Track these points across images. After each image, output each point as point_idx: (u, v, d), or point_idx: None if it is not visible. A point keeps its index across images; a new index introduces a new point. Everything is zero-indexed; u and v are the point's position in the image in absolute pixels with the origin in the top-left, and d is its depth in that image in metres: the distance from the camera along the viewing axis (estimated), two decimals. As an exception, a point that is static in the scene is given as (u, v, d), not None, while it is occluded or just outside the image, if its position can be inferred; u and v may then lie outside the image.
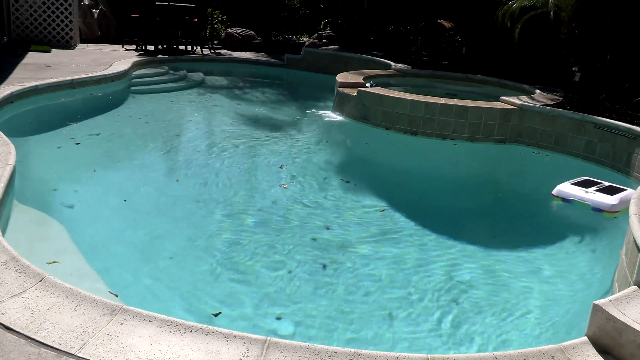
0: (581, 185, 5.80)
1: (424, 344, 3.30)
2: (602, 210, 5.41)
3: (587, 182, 5.89)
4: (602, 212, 5.41)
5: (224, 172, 6.21)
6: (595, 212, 5.44)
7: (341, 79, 9.23)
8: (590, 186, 5.75)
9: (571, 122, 7.36)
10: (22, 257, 2.93)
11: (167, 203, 5.20)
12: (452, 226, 5.21)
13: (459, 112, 7.67)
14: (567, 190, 5.70)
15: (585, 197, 5.54)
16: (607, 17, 8.29)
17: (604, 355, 2.60)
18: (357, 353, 2.40)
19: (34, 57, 10.27)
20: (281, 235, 4.60)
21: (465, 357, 2.60)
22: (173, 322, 2.49)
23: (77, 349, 2.27)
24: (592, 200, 5.49)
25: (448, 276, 4.09)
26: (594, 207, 5.47)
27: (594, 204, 5.47)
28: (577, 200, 5.58)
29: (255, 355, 2.33)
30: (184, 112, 9.07)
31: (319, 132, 8.49)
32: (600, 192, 5.60)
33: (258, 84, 12.38)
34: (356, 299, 3.72)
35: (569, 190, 5.68)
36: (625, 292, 2.93)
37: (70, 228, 4.28)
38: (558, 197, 5.72)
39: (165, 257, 4.06)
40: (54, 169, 5.65)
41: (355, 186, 5.98)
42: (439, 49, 12.72)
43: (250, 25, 16.27)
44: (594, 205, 5.47)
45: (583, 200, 5.54)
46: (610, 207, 5.35)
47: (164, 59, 12.04)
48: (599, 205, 5.44)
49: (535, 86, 9.60)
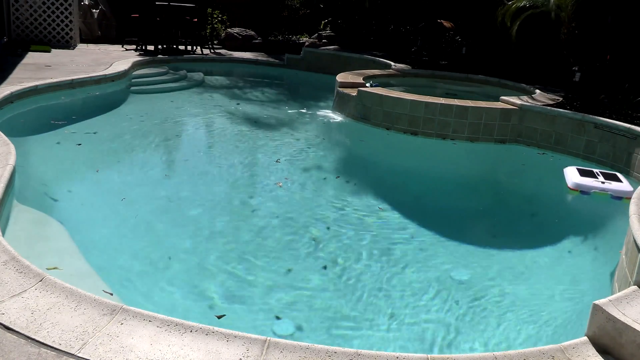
0: (589, 175, 5.97)
1: (418, 342, 3.30)
2: (622, 197, 5.57)
3: (590, 173, 6.07)
4: (621, 199, 5.56)
5: (223, 172, 6.21)
6: (615, 199, 5.61)
7: (341, 79, 9.23)
8: (597, 176, 5.95)
9: (571, 122, 7.36)
10: (22, 257, 2.93)
11: (167, 202, 5.20)
12: (452, 226, 5.21)
13: (459, 112, 7.67)
14: (585, 182, 5.82)
15: (605, 187, 5.69)
16: (607, 17, 8.29)
17: (604, 355, 2.60)
18: (357, 353, 2.40)
19: (34, 57, 10.27)
20: (280, 235, 4.60)
21: (465, 357, 2.59)
22: (173, 322, 2.49)
23: (77, 349, 2.27)
24: (612, 190, 5.66)
25: (447, 276, 4.09)
26: (613, 195, 5.63)
27: (615, 193, 5.64)
28: (597, 191, 5.71)
29: (255, 355, 2.33)
30: (184, 112, 9.07)
31: (319, 132, 8.48)
32: (611, 180, 5.81)
33: (258, 84, 12.38)
34: (352, 294, 3.72)
35: (587, 183, 5.80)
36: (625, 292, 2.92)
37: (70, 228, 4.28)
38: (576, 190, 5.82)
39: (165, 257, 4.06)
40: (54, 169, 5.65)
41: (356, 186, 5.98)
42: (439, 49, 12.72)
43: (250, 25, 16.27)
44: (614, 194, 5.63)
45: (604, 190, 5.68)
46: (629, 193, 5.50)
47: (164, 59, 12.04)
48: (619, 194, 5.61)
49: (535, 86, 9.60)
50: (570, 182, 5.87)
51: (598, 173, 6.07)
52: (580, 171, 6.10)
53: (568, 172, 6.13)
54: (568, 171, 6.15)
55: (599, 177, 5.88)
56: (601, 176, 5.93)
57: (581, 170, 6.12)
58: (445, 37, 12.82)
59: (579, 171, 6.10)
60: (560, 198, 6.45)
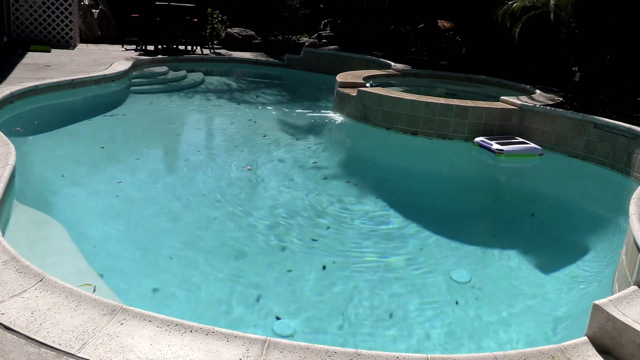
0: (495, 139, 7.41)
1: (418, 342, 3.30)
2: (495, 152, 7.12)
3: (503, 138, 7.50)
4: (495, 153, 7.11)
5: (223, 171, 6.21)
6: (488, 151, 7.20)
7: (341, 79, 9.23)
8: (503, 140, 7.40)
9: (571, 122, 7.36)
10: (22, 257, 2.93)
11: (168, 202, 5.20)
12: (452, 226, 5.21)
13: (459, 112, 7.67)
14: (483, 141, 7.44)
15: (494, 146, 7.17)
16: (607, 17, 8.30)
17: (604, 355, 2.60)
18: (357, 353, 2.40)
19: (34, 57, 10.27)
20: (282, 235, 4.60)
21: (465, 357, 2.59)
22: (173, 322, 2.49)
23: (77, 349, 2.27)
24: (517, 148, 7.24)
25: (447, 276, 4.09)
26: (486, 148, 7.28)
27: (522, 150, 7.26)
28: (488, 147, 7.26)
29: (255, 355, 2.33)
30: (184, 112, 9.07)
31: (319, 132, 8.48)
32: (500, 143, 7.24)
33: (258, 84, 12.38)
34: (353, 294, 3.72)
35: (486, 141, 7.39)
36: (625, 292, 2.93)
37: (70, 228, 4.28)
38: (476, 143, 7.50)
39: (165, 257, 4.06)
40: (54, 169, 5.65)
41: (356, 186, 5.98)
42: (439, 49, 12.72)
43: (250, 25, 16.27)
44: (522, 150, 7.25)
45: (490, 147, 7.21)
46: (498, 150, 7.11)
47: (163, 59, 12.04)
48: (527, 150, 7.28)
49: (535, 86, 9.60)
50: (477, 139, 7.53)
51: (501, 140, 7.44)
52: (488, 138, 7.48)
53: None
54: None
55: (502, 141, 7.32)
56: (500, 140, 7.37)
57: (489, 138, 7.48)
58: (445, 37, 12.82)
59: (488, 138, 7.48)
60: (560, 198, 6.47)
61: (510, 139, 7.51)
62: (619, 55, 8.94)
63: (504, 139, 7.50)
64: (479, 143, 7.44)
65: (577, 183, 6.88)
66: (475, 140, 7.53)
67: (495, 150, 7.10)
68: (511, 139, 7.56)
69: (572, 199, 6.43)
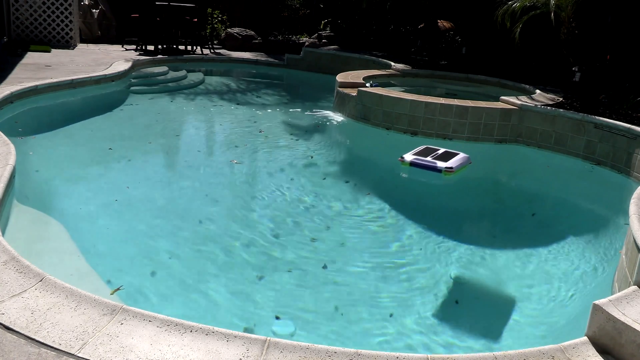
0: (422, 154, 6.54)
1: (420, 343, 3.30)
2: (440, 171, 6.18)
3: (427, 151, 6.65)
4: (440, 172, 6.18)
5: (223, 171, 6.21)
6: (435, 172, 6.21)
7: (341, 79, 9.23)
8: (430, 153, 6.53)
9: (571, 122, 7.36)
10: (22, 257, 2.93)
11: (168, 202, 5.20)
12: (452, 226, 5.21)
13: (459, 112, 7.67)
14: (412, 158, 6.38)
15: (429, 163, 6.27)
16: (607, 17, 8.29)
17: (604, 355, 2.60)
18: (357, 353, 2.40)
19: (33, 57, 10.27)
20: (281, 235, 4.61)
21: (465, 357, 2.59)
22: (173, 322, 2.49)
23: (77, 349, 2.27)
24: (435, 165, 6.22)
25: (447, 276, 4.09)
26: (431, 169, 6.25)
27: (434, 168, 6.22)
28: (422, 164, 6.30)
29: (255, 355, 2.33)
30: (184, 112, 9.07)
31: (319, 132, 8.48)
32: (438, 159, 6.36)
33: (258, 84, 12.38)
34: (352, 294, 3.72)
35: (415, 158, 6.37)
36: (625, 292, 2.92)
37: (70, 228, 4.28)
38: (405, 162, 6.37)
39: (165, 257, 4.06)
40: (54, 169, 5.65)
41: (355, 186, 5.98)
42: (438, 49, 12.72)
43: (250, 25, 16.27)
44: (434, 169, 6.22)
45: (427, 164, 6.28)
46: (445, 168, 6.17)
47: (164, 59, 12.04)
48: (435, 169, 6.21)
49: (536, 86, 9.60)
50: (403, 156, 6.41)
51: (434, 151, 6.63)
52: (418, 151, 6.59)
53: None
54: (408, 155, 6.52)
55: (430, 155, 6.43)
56: (432, 154, 6.48)
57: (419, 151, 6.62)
58: (445, 37, 12.82)
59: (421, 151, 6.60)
60: (560, 198, 6.47)
61: (433, 151, 6.60)
62: (619, 55, 8.94)
63: (426, 152, 6.56)
64: (412, 162, 6.31)
65: (577, 183, 6.88)
66: (405, 159, 6.36)
67: (444, 169, 6.15)
68: (430, 151, 6.63)
69: (572, 199, 6.44)
